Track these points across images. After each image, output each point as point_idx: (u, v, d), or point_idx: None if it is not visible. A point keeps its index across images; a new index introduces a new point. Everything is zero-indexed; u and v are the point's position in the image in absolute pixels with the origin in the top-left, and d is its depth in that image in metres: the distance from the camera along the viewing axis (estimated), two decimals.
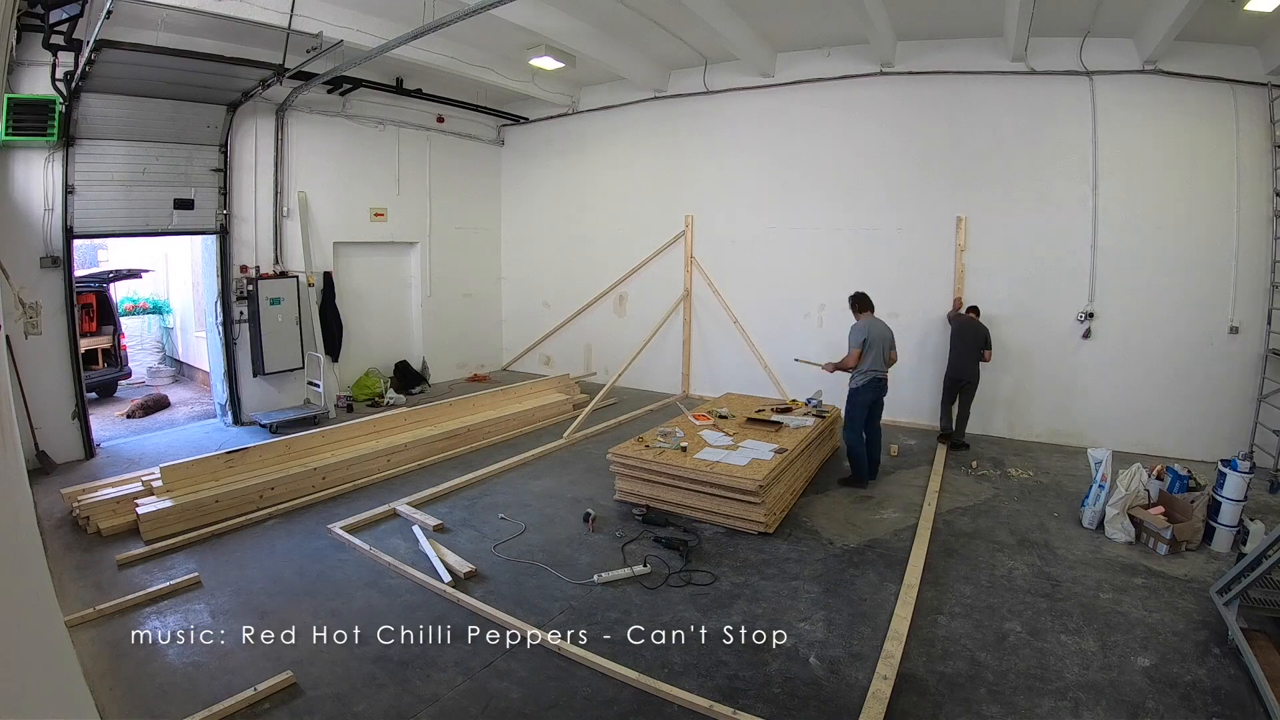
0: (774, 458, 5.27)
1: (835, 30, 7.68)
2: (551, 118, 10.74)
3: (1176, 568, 4.50)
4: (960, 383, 7.16)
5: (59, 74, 5.96)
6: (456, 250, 10.84)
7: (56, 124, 5.93)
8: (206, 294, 8.23)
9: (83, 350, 7.24)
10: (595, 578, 4.27)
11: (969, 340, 7.08)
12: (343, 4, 6.74)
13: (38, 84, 6.03)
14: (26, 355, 6.16)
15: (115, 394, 9.51)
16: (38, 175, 6.32)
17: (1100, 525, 5.04)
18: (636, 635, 3.71)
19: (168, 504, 4.99)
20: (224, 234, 7.81)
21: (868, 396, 5.98)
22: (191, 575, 4.27)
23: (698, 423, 6.36)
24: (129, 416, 8.44)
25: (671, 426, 6.19)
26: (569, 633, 3.68)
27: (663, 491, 5.35)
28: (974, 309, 7.35)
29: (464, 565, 4.42)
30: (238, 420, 8.05)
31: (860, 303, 6.19)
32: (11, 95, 5.73)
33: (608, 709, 3.14)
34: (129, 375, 10.07)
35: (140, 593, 4.04)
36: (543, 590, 4.21)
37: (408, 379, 10.01)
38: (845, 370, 6.06)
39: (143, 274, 10.63)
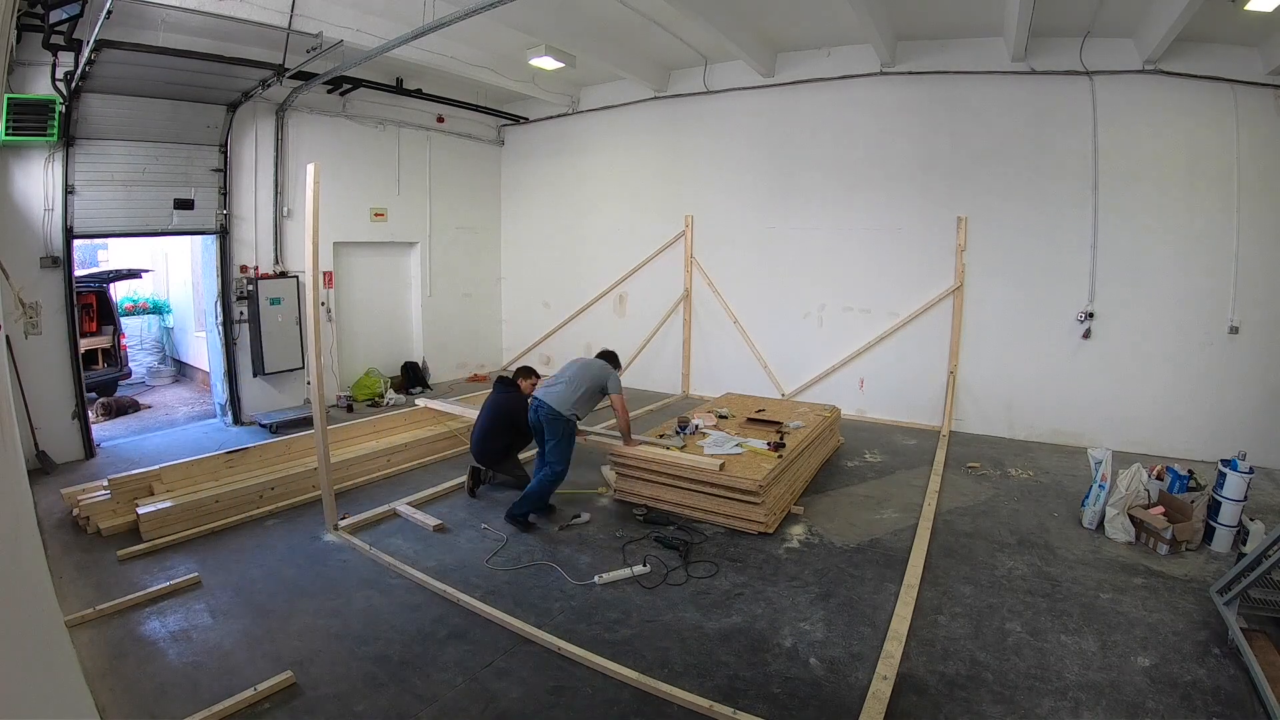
0: (774, 458, 5.27)
1: (835, 30, 7.68)
2: (551, 118, 10.74)
3: (1176, 568, 4.49)
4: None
5: (59, 74, 5.97)
6: (456, 250, 10.85)
7: (56, 124, 5.93)
8: (206, 294, 8.23)
9: (83, 350, 7.23)
10: (596, 578, 4.27)
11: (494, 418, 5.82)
12: (343, 4, 6.74)
13: (38, 84, 6.03)
14: (26, 355, 6.16)
15: (115, 394, 9.51)
16: (38, 175, 6.32)
17: (1100, 525, 5.04)
18: (637, 635, 3.71)
19: (167, 504, 4.99)
20: (224, 234, 7.82)
21: None
22: (191, 575, 4.27)
23: (703, 423, 6.35)
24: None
25: (683, 420, 6.21)
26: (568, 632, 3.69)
27: (663, 491, 5.35)
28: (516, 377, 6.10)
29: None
30: (238, 420, 8.06)
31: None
32: (11, 95, 5.73)
33: (608, 709, 3.14)
34: (129, 375, 10.07)
35: (140, 593, 4.04)
36: (543, 590, 4.21)
37: (412, 379, 10.02)
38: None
39: (143, 274, 10.64)
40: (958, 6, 6.82)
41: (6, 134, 5.73)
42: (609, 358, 5.74)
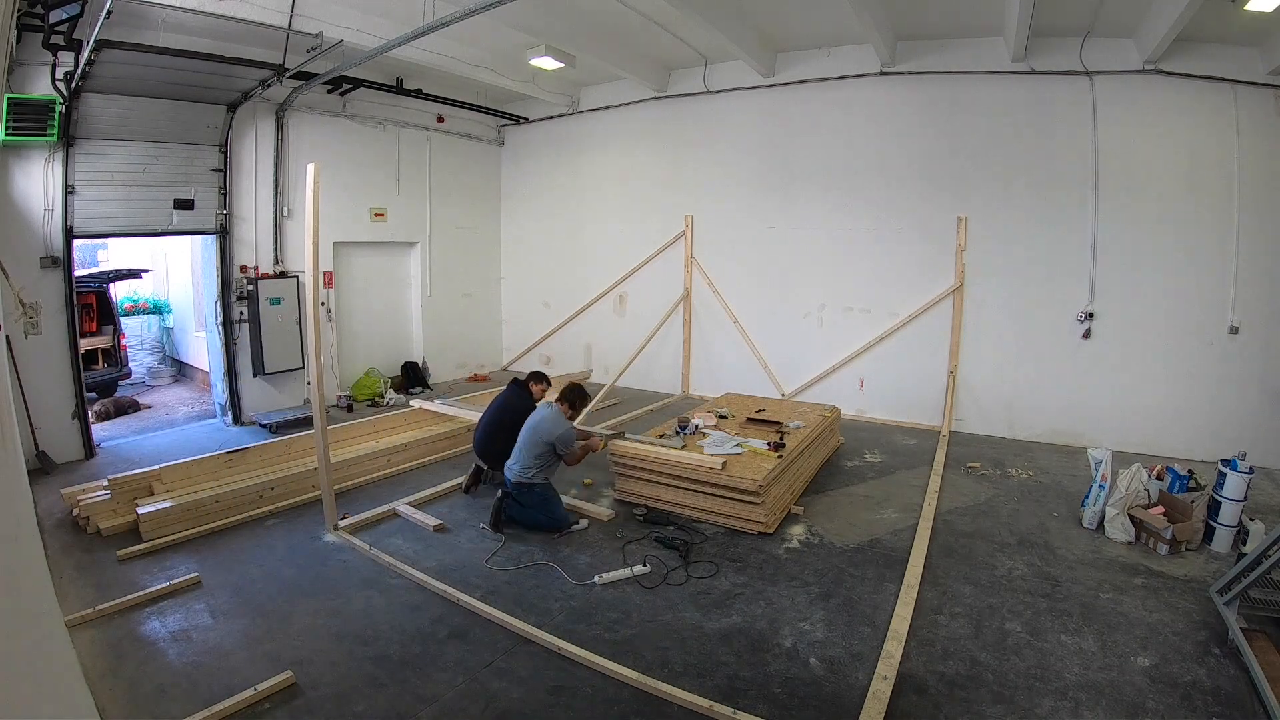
0: (774, 458, 5.26)
1: (835, 30, 7.67)
2: (551, 118, 10.74)
3: (1176, 568, 4.49)
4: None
5: (59, 74, 5.97)
6: (456, 250, 10.85)
7: (56, 124, 5.94)
8: (206, 294, 8.24)
9: (83, 350, 7.23)
10: (596, 578, 4.28)
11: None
12: (343, 4, 6.74)
13: (38, 84, 6.03)
14: (26, 355, 6.16)
15: (115, 394, 9.51)
16: (38, 175, 6.32)
17: (1100, 525, 5.04)
18: (637, 635, 3.71)
19: (167, 504, 4.99)
20: (224, 234, 7.82)
21: None
22: (191, 575, 4.28)
23: (703, 423, 6.35)
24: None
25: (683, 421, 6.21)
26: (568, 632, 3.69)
27: (663, 491, 5.35)
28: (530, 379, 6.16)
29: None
30: (238, 420, 8.06)
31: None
32: (11, 95, 5.73)
33: (608, 709, 3.14)
34: (129, 375, 10.07)
35: (140, 593, 4.05)
36: (543, 590, 4.21)
37: (412, 379, 10.03)
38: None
39: (143, 274, 10.64)
40: (958, 6, 6.82)
41: (6, 134, 5.73)
42: (572, 394, 5.45)
